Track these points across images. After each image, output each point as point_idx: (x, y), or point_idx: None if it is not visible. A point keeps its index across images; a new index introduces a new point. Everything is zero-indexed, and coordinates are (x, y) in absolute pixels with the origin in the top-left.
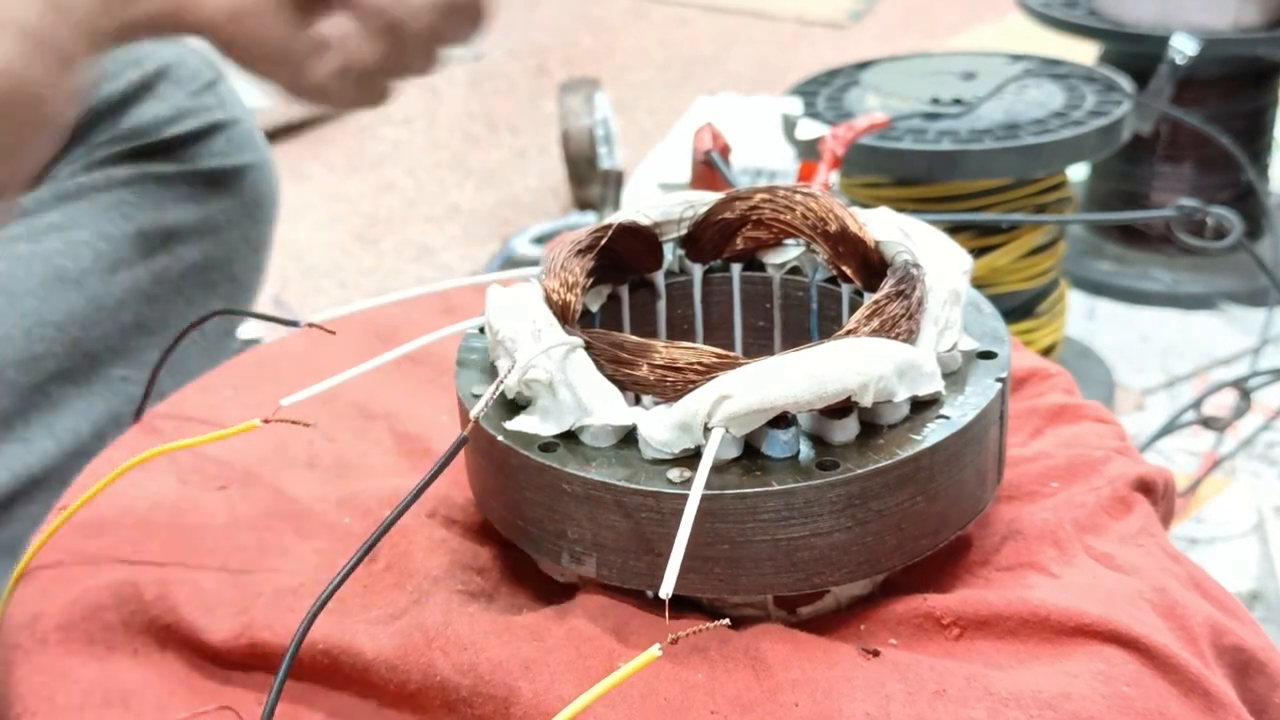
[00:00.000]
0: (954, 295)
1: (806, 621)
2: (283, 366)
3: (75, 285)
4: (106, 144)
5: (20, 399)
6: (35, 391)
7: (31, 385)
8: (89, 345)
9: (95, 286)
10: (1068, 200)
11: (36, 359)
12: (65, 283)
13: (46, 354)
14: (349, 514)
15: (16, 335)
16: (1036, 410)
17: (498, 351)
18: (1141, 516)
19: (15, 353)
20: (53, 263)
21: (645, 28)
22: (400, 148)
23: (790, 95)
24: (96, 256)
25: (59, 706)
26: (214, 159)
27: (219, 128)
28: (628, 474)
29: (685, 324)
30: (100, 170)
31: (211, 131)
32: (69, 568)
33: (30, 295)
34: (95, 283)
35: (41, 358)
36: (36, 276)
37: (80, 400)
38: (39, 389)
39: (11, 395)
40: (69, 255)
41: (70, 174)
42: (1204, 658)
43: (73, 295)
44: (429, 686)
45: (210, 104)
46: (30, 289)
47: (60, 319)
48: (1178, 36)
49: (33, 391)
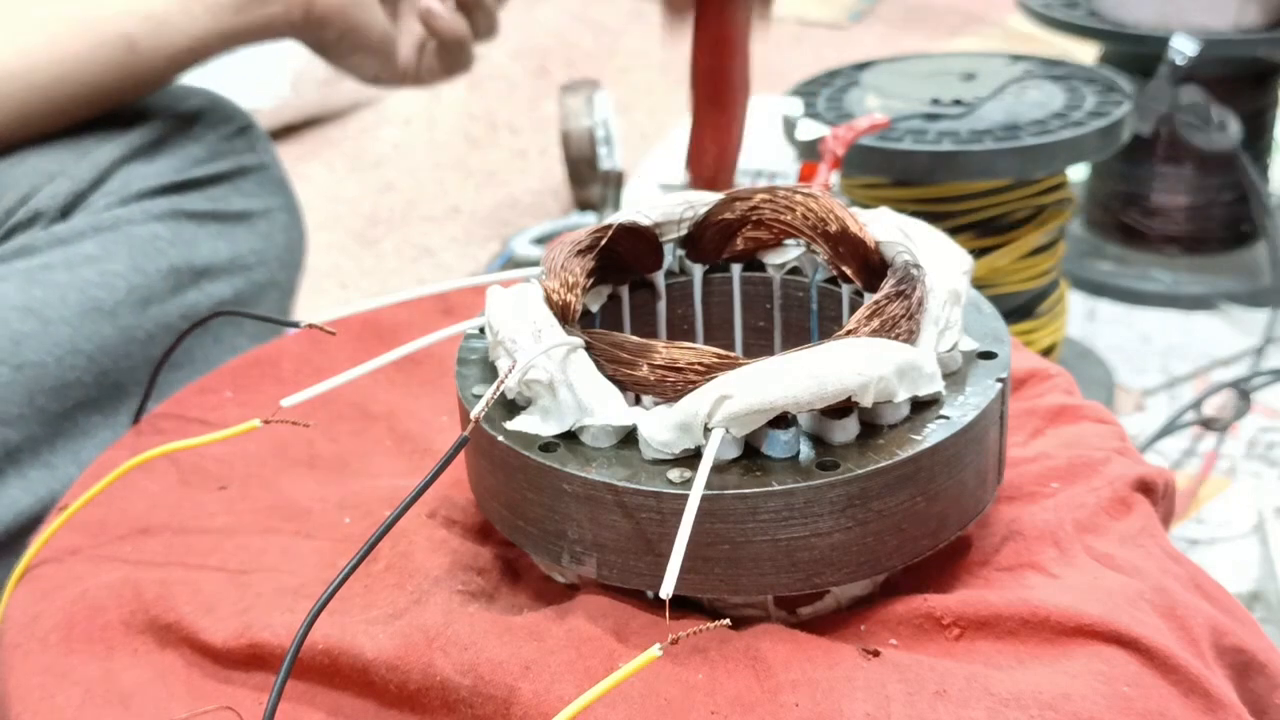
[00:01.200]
0: (954, 296)
1: (807, 622)
2: (283, 367)
3: (109, 317)
4: (142, 179)
5: (48, 426)
6: (64, 419)
7: (60, 413)
8: (118, 376)
9: (127, 319)
10: (1068, 201)
11: (67, 387)
12: (99, 314)
13: (76, 383)
14: (349, 514)
15: (49, 363)
16: (1036, 411)
17: (498, 352)
18: (1142, 517)
19: (48, 380)
20: (88, 293)
21: (646, 29)
22: (400, 148)
23: (790, 96)
24: (130, 289)
25: (59, 706)
26: (245, 200)
27: (250, 171)
28: (628, 474)
29: (685, 324)
30: (137, 204)
31: (243, 173)
32: (69, 568)
33: (64, 324)
34: (127, 315)
35: (71, 386)
36: (71, 306)
37: (106, 430)
38: (67, 417)
39: (41, 422)
40: (104, 287)
41: (107, 206)
42: (1204, 658)
43: (105, 326)
44: (429, 687)
45: (241, 148)
46: (65, 317)
47: (92, 349)
48: (1178, 37)
49: (61, 419)
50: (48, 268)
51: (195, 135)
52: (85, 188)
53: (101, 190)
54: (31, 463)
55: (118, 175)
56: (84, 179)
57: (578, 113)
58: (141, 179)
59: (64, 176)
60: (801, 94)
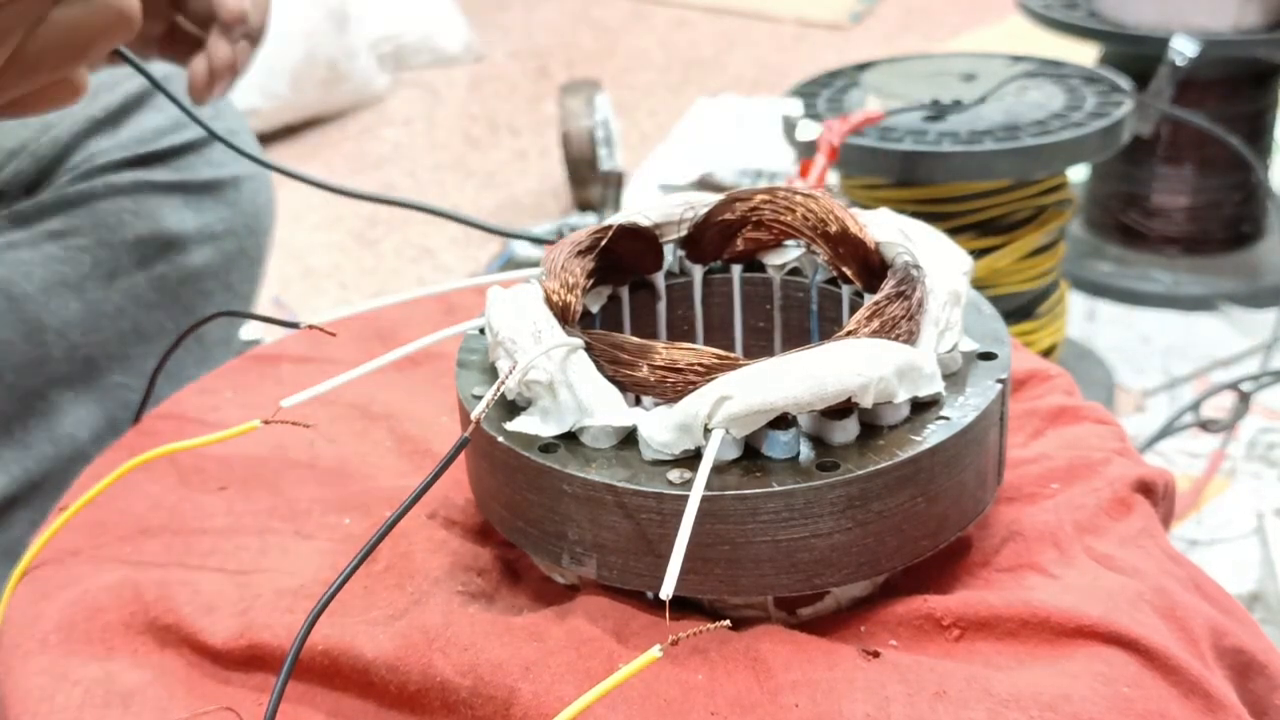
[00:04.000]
0: (954, 296)
1: (807, 622)
2: (283, 368)
3: (75, 291)
4: (105, 152)
5: (19, 403)
6: (34, 396)
7: (30, 390)
8: (88, 351)
9: (94, 293)
10: (1068, 202)
11: (36, 363)
12: (65, 288)
13: (45, 359)
14: (349, 515)
15: (16, 340)
16: (1036, 411)
17: (498, 352)
18: (1142, 518)
19: (15, 357)
20: (52, 268)
21: (646, 29)
22: (400, 149)
23: (790, 96)
24: (96, 263)
25: (59, 707)
26: (210, 169)
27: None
28: (628, 475)
29: (685, 325)
30: (100, 178)
31: (208, 142)
32: (69, 568)
33: (30, 300)
34: (94, 289)
35: (41, 362)
36: (37, 282)
37: (79, 406)
38: (38, 393)
39: (11, 399)
40: (69, 261)
41: (70, 181)
42: (1204, 659)
43: (72, 301)
44: (429, 687)
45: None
46: (30, 294)
47: (59, 324)
48: (1178, 38)
49: (32, 396)
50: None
51: (158, 104)
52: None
53: (65, 166)
54: (5, 441)
55: (81, 150)
56: (46, 155)
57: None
58: (104, 153)
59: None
60: (801, 94)
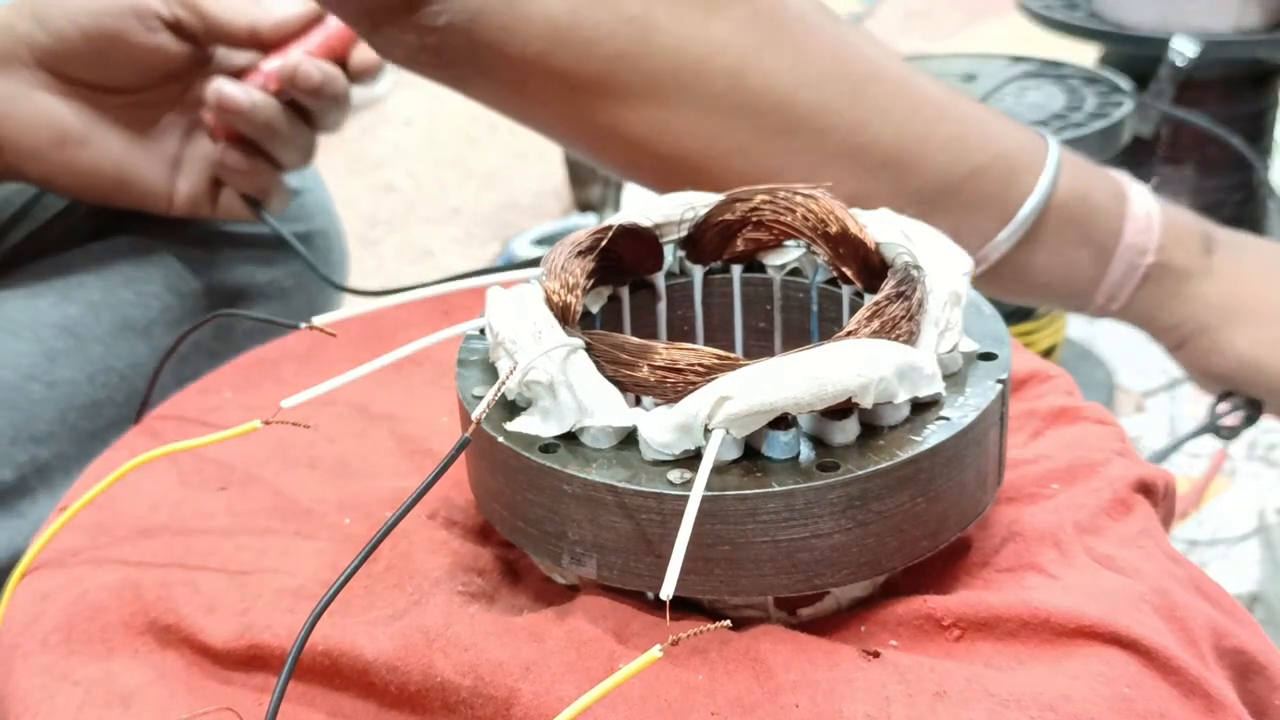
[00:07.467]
0: (954, 297)
1: (807, 623)
2: (283, 368)
3: (142, 335)
4: None
5: (80, 445)
6: (94, 438)
7: (91, 431)
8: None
9: (161, 339)
10: None
11: (98, 405)
12: (132, 332)
13: (108, 401)
14: (350, 515)
15: (82, 380)
16: (1037, 412)
17: (498, 353)
18: (1142, 518)
19: (80, 398)
20: (122, 312)
21: None
22: (400, 149)
23: None
24: (164, 309)
25: (59, 707)
26: (285, 224)
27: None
28: (628, 475)
29: (686, 325)
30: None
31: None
32: (69, 569)
33: (98, 342)
34: (161, 335)
35: (103, 404)
36: (105, 324)
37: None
38: (98, 435)
39: (73, 440)
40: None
41: (145, 228)
42: (1205, 660)
43: (139, 345)
44: (429, 688)
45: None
46: (99, 336)
47: (124, 368)
48: (1178, 38)
49: (92, 438)
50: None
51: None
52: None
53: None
54: (63, 481)
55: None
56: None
57: None
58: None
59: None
60: None
